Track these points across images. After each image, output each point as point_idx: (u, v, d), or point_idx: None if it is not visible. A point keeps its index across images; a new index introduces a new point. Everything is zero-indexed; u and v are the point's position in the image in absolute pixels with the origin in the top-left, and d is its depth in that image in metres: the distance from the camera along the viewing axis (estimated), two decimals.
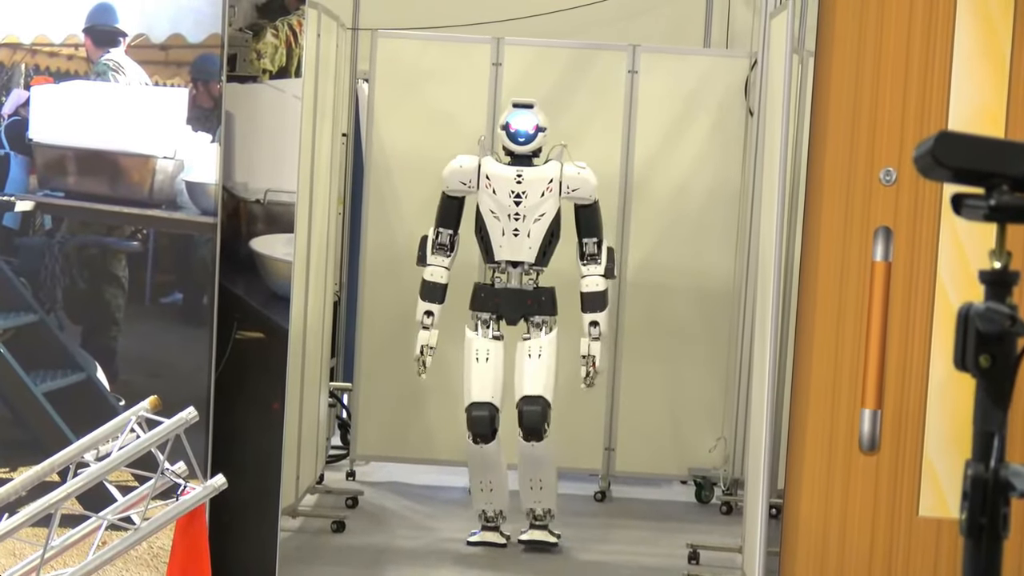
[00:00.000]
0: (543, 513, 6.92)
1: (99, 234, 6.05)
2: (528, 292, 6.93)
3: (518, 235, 6.82)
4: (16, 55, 6.01)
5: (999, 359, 2.21)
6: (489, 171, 6.83)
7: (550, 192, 6.80)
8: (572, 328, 6.99)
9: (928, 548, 5.88)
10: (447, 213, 6.94)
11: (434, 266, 6.92)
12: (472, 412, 6.74)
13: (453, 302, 7.04)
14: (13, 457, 5.82)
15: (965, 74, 5.79)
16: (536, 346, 6.84)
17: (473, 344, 6.87)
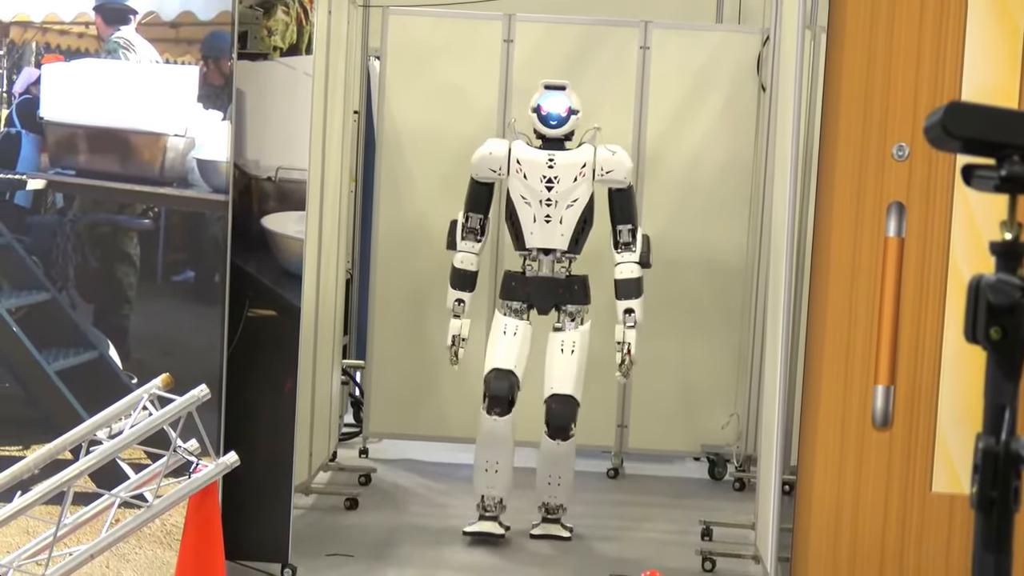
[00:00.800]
0: (556, 507, 6.75)
1: (110, 212, 6.06)
2: (560, 280, 6.75)
3: (550, 221, 6.62)
4: (27, 33, 6.02)
5: (1010, 331, 2.21)
6: (520, 156, 6.62)
7: (583, 177, 6.61)
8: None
9: (941, 524, 5.88)
10: (477, 198, 6.77)
11: (464, 252, 6.75)
12: (492, 378, 6.59)
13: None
14: (26, 435, 5.84)
15: (978, 48, 5.78)
16: (569, 340, 6.67)
17: (501, 320, 6.74)
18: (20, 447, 5.77)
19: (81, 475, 4.29)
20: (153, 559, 5.86)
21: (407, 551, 6.67)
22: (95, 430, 4.51)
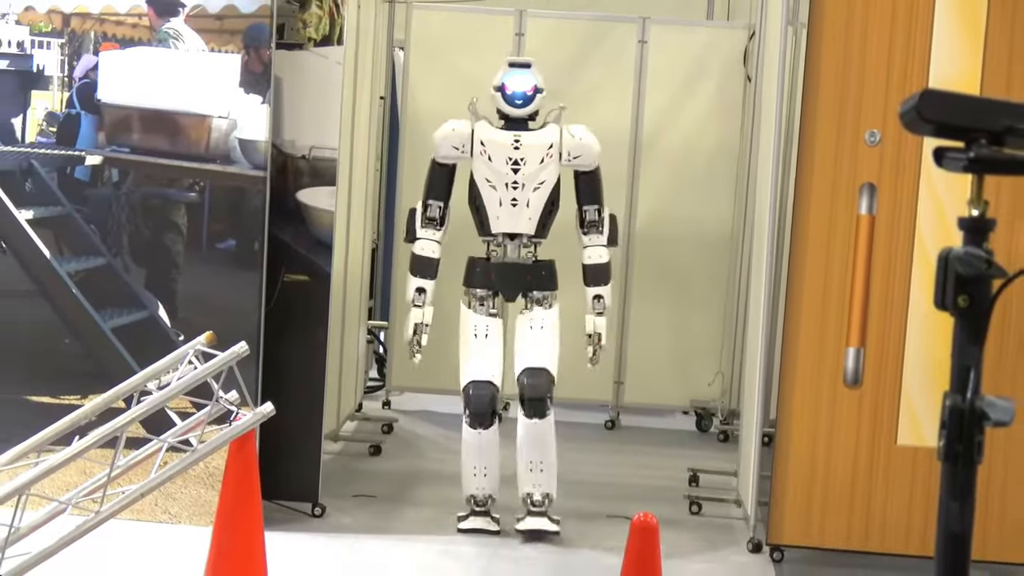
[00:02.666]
0: (542, 498, 5.84)
1: (161, 186, 6.05)
2: (527, 266, 5.95)
3: (516, 205, 5.84)
4: (86, 24, 6.00)
5: (976, 299, 2.19)
6: (484, 136, 5.85)
7: (550, 158, 5.85)
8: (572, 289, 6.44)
9: (905, 473, 5.87)
10: (437, 183, 5.98)
11: (425, 240, 5.95)
12: (471, 392, 5.80)
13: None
14: (84, 386, 5.83)
15: (944, 45, 5.75)
16: (539, 317, 5.93)
17: (470, 320, 5.96)
18: (78, 396, 5.77)
19: (133, 422, 4.28)
20: (197, 498, 5.86)
21: (425, 493, 6.66)
22: (145, 382, 4.51)
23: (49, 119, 6.04)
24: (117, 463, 4.31)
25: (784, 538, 5.98)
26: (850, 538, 5.94)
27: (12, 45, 6.03)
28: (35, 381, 5.99)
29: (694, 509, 6.67)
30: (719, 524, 6.51)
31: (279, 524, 5.80)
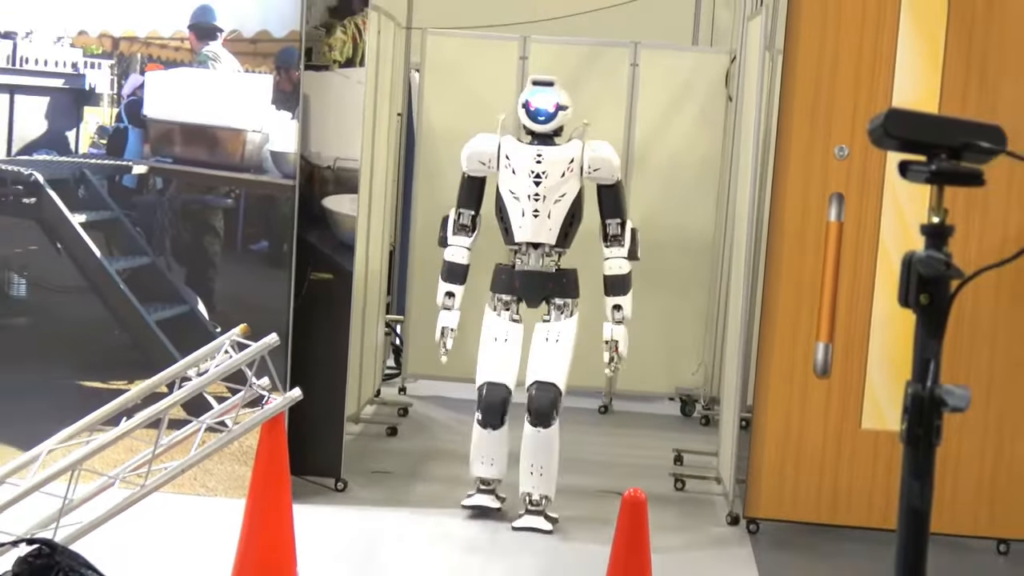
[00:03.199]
0: (540, 499, 5.64)
1: (200, 193, 6.04)
2: (549, 274, 5.71)
3: (538, 216, 5.59)
4: (133, 46, 5.99)
5: (936, 298, 2.19)
6: (509, 151, 5.64)
7: (571, 172, 5.60)
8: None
9: (868, 455, 5.87)
10: (468, 193, 5.80)
11: (456, 247, 5.77)
12: (485, 392, 5.59)
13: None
14: (131, 373, 5.83)
15: (906, 70, 5.75)
16: (555, 330, 5.67)
17: (493, 324, 5.74)
18: (126, 382, 5.77)
19: (174, 405, 4.29)
20: (232, 473, 5.86)
21: (437, 470, 6.66)
22: (186, 369, 4.51)
23: (100, 132, 6.04)
24: (160, 442, 4.31)
25: (759, 512, 5.98)
26: (819, 512, 5.94)
27: (67, 65, 6.03)
28: (87, 368, 5.99)
29: (678, 486, 6.65)
30: (701, 499, 6.50)
31: (305, 497, 5.80)
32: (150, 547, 5.16)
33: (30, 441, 4.54)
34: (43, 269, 6.07)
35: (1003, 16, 5.72)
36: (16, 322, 6.09)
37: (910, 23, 5.75)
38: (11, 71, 6.04)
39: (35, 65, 6.05)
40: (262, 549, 4.47)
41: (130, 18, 5.98)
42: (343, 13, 6.17)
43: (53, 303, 6.07)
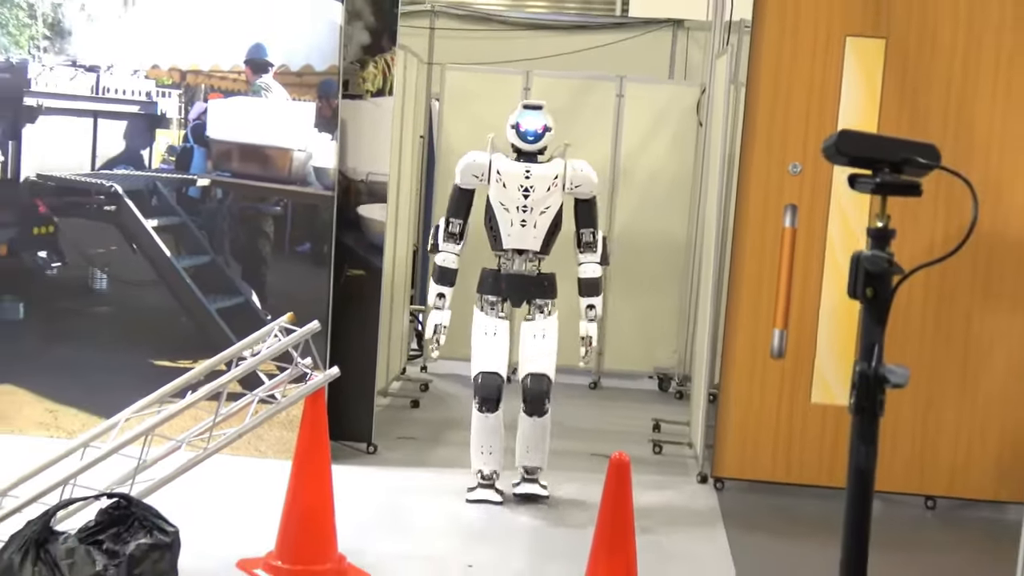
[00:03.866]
0: (534, 468, 5.46)
1: (254, 202, 6.03)
2: (532, 278, 5.46)
3: (525, 225, 5.37)
4: (198, 78, 5.98)
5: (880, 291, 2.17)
6: (500, 167, 5.39)
7: (555, 187, 5.38)
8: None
9: (817, 424, 5.86)
10: (459, 204, 5.49)
11: (446, 252, 5.48)
12: (481, 380, 5.38)
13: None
14: (195, 353, 5.82)
15: (849, 101, 5.75)
16: (540, 328, 5.43)
17: (482, 321, 5.49)
18: (191, 361, 5.76)
19: (232, 380, 4.28)
20: (280, 438, 5.85)
21: (454, 436, 6.64)
22: (242, 350, 4.50)
23: (169, 151, 6.03)
24: (220, 411, 4.31)
25: (725, 472, 5.97)
26: (775, 472, 5.93)
27: (142, 94, 6.02)
28: (158, 349, 5.99)
29: (656, 449, 6.65)
30: (675, 461, 6.49)
31: (342, 459, 5.79)
32: (211, 501, 5.16)
33: (110, 411, 4.53)
34: (122, 266, 6.06)
35: (932, 56, 5.72)
36: (99, 311, 6.08)
37: (853, 61, 5.75)
38: (95, 99, 6.03)
39: (115, 94, 6.04)
40: (306, 502, 4.46)
41: (195, 54, 5.97)
42: (375, 51, 6.15)
43: (130, 295, 6.07)
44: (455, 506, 5.39)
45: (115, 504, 3.64)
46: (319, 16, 5.86)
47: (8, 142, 6.05)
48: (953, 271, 5.60)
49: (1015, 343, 5.80)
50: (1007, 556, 4.92)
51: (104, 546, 3.50)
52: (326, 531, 4.48)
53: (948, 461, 5.86)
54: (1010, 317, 5.79)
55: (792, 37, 5.75)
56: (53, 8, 5.99)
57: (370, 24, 6.15)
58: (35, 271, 6.08)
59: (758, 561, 4.99)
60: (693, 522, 5.47)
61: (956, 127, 5.70)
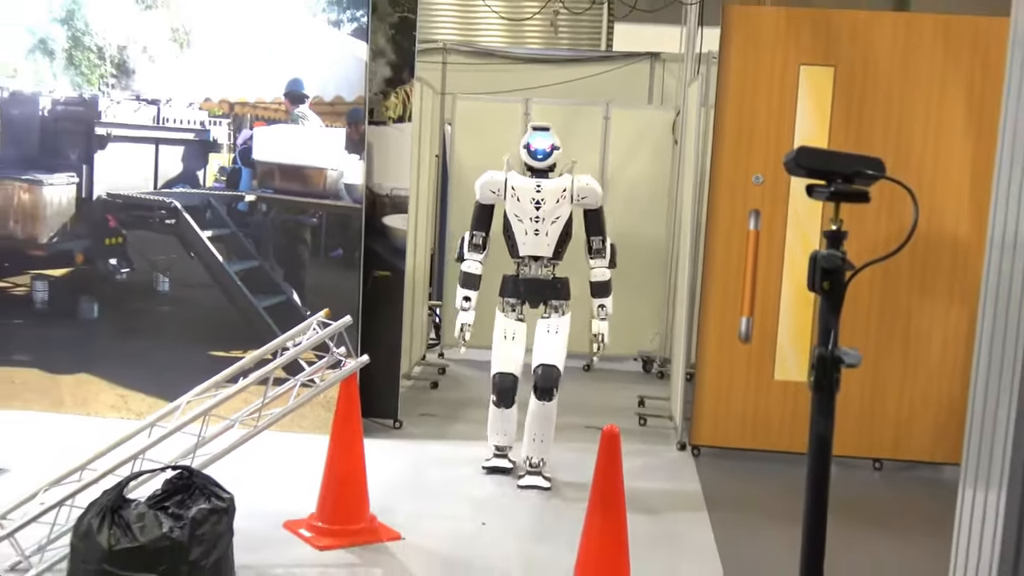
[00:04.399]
0: (538, 462, 5.28)
1: (294, 214, 6.02)
2: (547, 281, 5.32)
3: (538, 234, 5.25)
4: (244, 109, 5.97)
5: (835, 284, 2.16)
6: (514, 183, 5.28)
7: (564, 199, 5.24)
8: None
9: (779, 398, 5.85)
10: (480, 218, 5.38)
11: (471, 260, 5.34)
12: (499, 380, 5.26)
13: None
14: (245, 344, 5.82)
15: (803, 122, 5.75)
16: (555, 324, 5.29)
17: (501, 324, 5.34)
18: (241, 351, 5.76)
19: (277, 367, 4.27)
20: (318, 416, 5.84)
21: (469, 413, 6.64)
22: (285, 342, 4.49)
23: (221, 171, 6.02)
24: (268, 394, 4.30)
25: (700, 440, 5.96)
26: (743, 439, 5.92)
27: (196, 123, 6.01)
28: (213, 342, 5.97)
29: (641, 422, 6.64)
30: (658, 432, 6.48)
31: (372, 433, 5.78)
32: (261, 471, 5.15)
33: (173, 394, 4.53)
34: (181, 271, 6.06)
35: (874, 81, 5.72)
36: (162, 309, 6.08)
37: (806, 86, 5.73)
38: (156, 128, 6.02)
39: (173, 123, 6.03)
40: (341, 470, 4.46)
41: (242, 88, 5.96)
42: (396, 83, 6.14)
43: (188, 295, 6.06)
44: (470, 473, 5.38)
45: (179, 475, 3.64)
46: (347, 54, 5.84)
47: (82, 166, 6.05)
48: (895, 265, 5.59)
49: (949, 326, 5.79)
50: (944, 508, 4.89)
51: (170, 511, 3.49)
52: (359, 495, 4.48)
53: (892, 428, 5.85)
54: (945, 304, 5.78)
55: (754, 66, 5.74)
56: (119, 51, 5.98)
57: (391, 60, 6.14)
58: (107, 276, 6.08)
59: (731, 513, 4.98)
60: (673, 484, 5.46)
61: (896, 141, 5.69)
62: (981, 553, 2.11)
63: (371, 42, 5.86)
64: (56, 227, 6.08)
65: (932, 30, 5.67)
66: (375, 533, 4.43)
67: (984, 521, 2.15)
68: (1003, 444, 2.14)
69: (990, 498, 2.12)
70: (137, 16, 5.96)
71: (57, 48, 6.00)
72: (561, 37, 9.94)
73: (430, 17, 10.49)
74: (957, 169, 5.71)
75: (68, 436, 5.62)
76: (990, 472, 2.15)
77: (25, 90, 6.03)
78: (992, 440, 2.17)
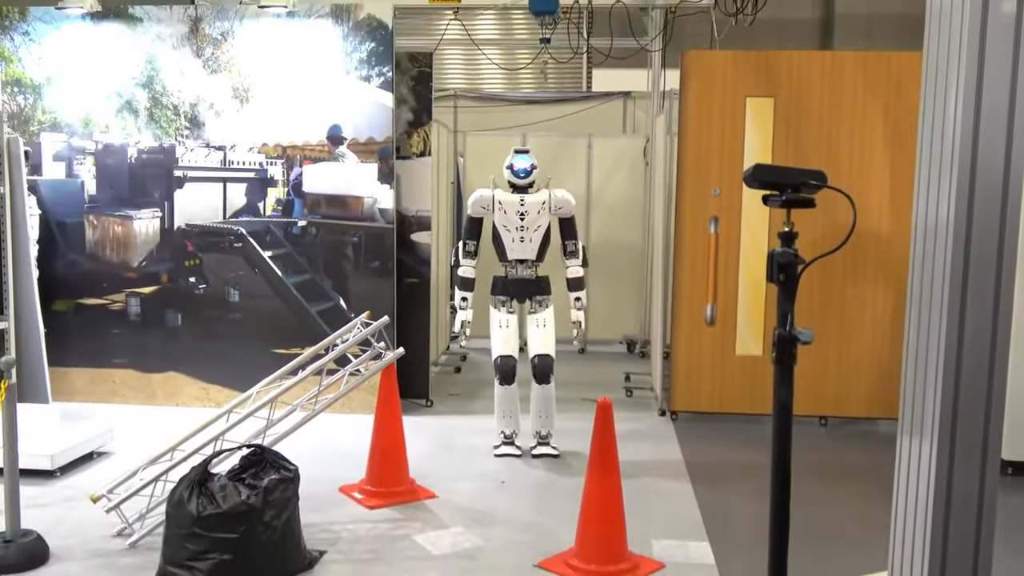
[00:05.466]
0: (547, 433, 5.16)
1: (338, 235, 5.97)
2: (531, 280, 5.18)
3: (523, 241, 5.13)
4: (295, 151, 5.93)
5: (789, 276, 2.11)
6: (500, 199, 5.14)
7: (543, 210, 5.12)
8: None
9: (740, 370, 5.80)
10: (471, 230, 5.22)
11: (465, 266, 5.19)
12: (499, 361, 5.10)
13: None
14: (301, 343, 5.79)
15: (750, 143, 5.70)
16: (541, 319, 5.16)
17: (496, 317, 5.20)
18: (299, 348, 5.72)
19: (329, 360, 4.24)
20: (364, 399, 5.80)
21: (486, 391, 6.59)
22: (335, 340, 4.45)
23: (277, 203, 5.98)
24: (322, 383, 4.26)
25: (677, 407, 5.91)
26: (712, 404, 5.87)
27: (256, 164, 5.97)
28: (276, 341, 5.94)
29: (628, 394, 6.59)
30: (642, 401, 6.43)
31: (409, 411, 5.75)
32: (319, 446, 5.12)
33: (245, 386, 4.50)
34: (248, 284, 6.02)
35: (808, 110, 5.67)
36: (233, 316, 6.04)
37: (751, 114, 5.69)
38: (224, 168, 5.99)
39: (237, 165, 5.99)
40: (385, 443, 4.42)
41: (292, 134, 5.92)
42: (417, 124, 6.11)
43: (254, 304, 6.02)
44: (491, 441, 5.34)
45: (252, 452, 3.60)
46: (376, 102, 5.80)
47: (164, 202, 6.02)
48: (831, 256, 5.52)
49: (876, 304, 5.74)
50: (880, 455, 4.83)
51: (246, 482, 3.46)
52: (400, 463, 4.45)
53: (834, 390, 5.80)
54: (872, 285, 5.73)
55: (708, 100, 5.69)
56: (191, 107, 5.95)
57: (413, 106, 6.10)
58: (188, 291, 6.05)
59: (705, 467, 4.94)
60: (657, 442, 5.41)
61: (827, 155, 5.64)
62: (919, 494, 2.07)
63: (395, 92, 5.82)
64: (144, 253, 6.05)
65: (853, 65, 5.63)
66: (415, 493, 4.40)
67: (919, 466, 2.10)
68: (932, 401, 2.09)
69: (923, 447, 2.07)
70: (205, 79, 5.92)
71: (140, 107, 5.97)
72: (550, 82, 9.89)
73: (442, 69, 10.45)
74: (878, 177, 5.67)
75: (160, 424, 5.60)
76: (923, 425, 2.10)
77: (115, 142, 6.00)
78: (924, 398, 2.13)
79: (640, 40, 7.02)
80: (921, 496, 2.04)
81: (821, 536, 4.02)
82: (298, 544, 3.54)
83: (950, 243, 1.91)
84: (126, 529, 3.84)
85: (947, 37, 1.94)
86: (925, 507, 2.01)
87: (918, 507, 2.05)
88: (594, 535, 3.57)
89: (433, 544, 3.84)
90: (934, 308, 2.01)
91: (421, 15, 9.41)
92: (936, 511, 1.96)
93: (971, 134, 1.87)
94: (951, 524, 1.95)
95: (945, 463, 1.99)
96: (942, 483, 1.98)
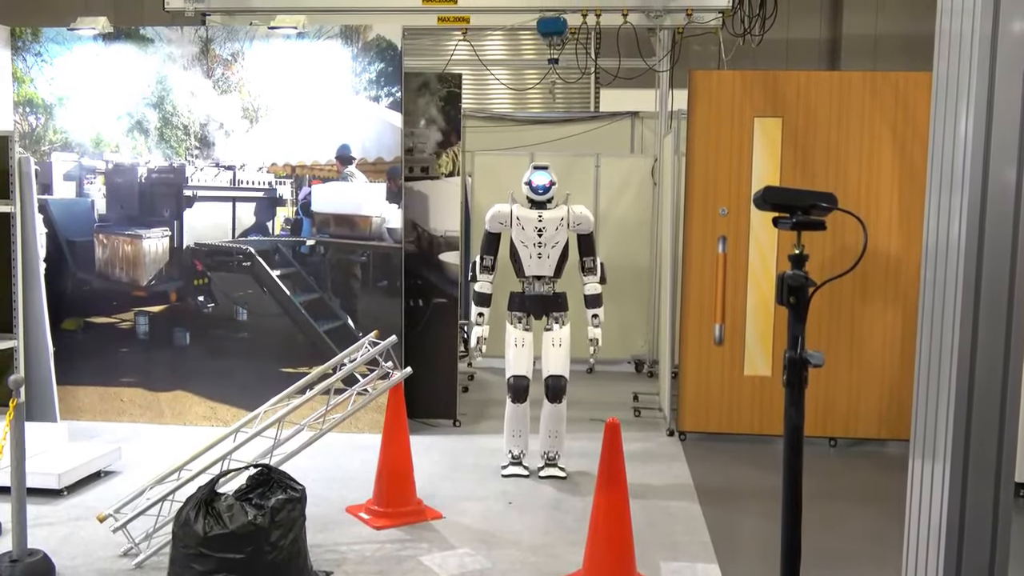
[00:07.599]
0: (554, 455, 5.09)
1: (346, 254, 5.98)
2: (548, 297, 5.13)
3: (541, 257, 5.08)
4: (304, 170, 5.95)
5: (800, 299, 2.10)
6: (519, 214, 5.10)
7: (562, 226, 5.08)
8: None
9: (748, 390, 5.77)
10: (489, 244, 5.18)
11: (482, 281, 5.14)
12: (512, 381, 5.05)
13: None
14: (309, 362, 5.78)
15: (758, 164, 5.70)
16: (558, 337, 5.07)
17: (512, 334, 5.11)
18: (307, 367, 5.72)
19: (337, 380, 4.23)
20: (372, 418, 5.79)
21: (493, 411, 6.57)
22: (343, 359, 4.45)
23: (286, 222, 6.00)
24: (330, 402, 4.25)
25: (685, 427, 5.88)
26: (720, 425, 5.84)
27: (265, 184, 6.00)
28: (284, 360, 5.94)
29: (636, 414, 6.56)
30: (650, 421, 6.40)
31: (416, 431, 5.73)
32: (326, 465, 5.10)
33: (252, 405, 4.50)
34: (256, 303, 6.03)
35: (815, 130, 5.68)
36: (241, 335, 6.04)
37: (759, 134, 5.70)
38: (233, 188, 6.01)
39: (247, 184, 6.02)
40: (392, 463, 4.41)
41: (301, 154, 5.94)
42: (446, 145, 6.12)
43: (263, 323, 6.03)
44: (498, 461, 5.31)
45: (259, 471, 3.59)
46: (386, 122, 5.83)
47: (174, 221, 6.04)
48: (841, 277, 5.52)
49: (886, 325, 5.72)
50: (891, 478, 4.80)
51: (253, 502, 3.45)
52: (407, 483, 4.43)
53: (843, 411, 5.77)
54: (882, 306, 5.71)
55: (716, 119, 5.70)
56: (201, 127, 5.99)
57: (442, 127, 6.12)
58: (197, 310, 6.06)
59: (713, 487, 4.90)
60: (665, 463, 5.38)
61: (835, 176, 5.65)
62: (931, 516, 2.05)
63: (425, 113, 5.83)
64: (154, 272, 6.07)
65: (861, 84, 5.64)
66: (422, 514, 4.38)
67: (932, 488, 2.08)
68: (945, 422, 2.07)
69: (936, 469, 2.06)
70: (215, 99, 5.97)
71: (151, 127, 6.01)
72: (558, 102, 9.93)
73: None
74: (887, 197, 5.66)
75: (168, 443, 5.59)
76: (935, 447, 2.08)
77: (125, 162, 6.04)
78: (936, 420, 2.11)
79: (648, 60, 7.05)
80: (934, 519, 2.02)
81: (832, 559, 3.98)
82: (305, 564, 3.53)
83: (961, 263, 1.90)
84: (133, 549, 3.82)
85: (956, 58, 1.95)
86: (938, 530, 1.99)
87: (931, 530, 2.03)
88: (602, 556, 3.55)
89: (440, 566, 3.81)
90: (945, 329, 2.00)
91: (430, 36, 9.48)
92: (950, 534, 1.94)
93: (981, 154, 1.87)
94: (965, 547, 1.93)
95: (958, 485, 1.97)
96: (955, 505, 1.96)
